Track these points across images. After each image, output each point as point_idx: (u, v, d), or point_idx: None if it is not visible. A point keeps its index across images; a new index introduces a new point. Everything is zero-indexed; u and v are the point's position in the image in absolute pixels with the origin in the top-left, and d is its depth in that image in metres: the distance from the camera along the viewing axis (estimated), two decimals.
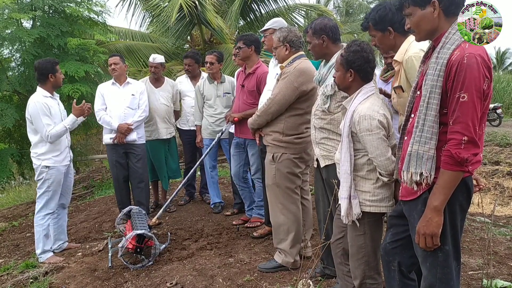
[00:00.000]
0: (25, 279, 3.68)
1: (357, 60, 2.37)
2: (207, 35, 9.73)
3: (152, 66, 5.12)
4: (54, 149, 4.00)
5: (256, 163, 4.29)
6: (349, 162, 2.37)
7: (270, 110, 3.33)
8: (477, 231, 4.21)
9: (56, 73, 4.04)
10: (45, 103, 3.93)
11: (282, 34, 3.35)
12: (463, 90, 1.74)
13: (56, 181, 4.02)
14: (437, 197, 1.83)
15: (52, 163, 3.99)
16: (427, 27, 1.92)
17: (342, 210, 2.42)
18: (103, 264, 3.79)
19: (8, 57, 7.34)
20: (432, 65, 1.84)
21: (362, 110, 2.32)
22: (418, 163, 1.87)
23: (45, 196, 4.01)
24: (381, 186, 2.37)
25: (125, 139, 4.63)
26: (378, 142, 2.28)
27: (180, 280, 3.35)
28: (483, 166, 8.07)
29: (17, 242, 4.98)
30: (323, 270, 3.21)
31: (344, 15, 23.86)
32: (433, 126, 1.84)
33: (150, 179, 5.28)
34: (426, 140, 1.85)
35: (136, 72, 8.74)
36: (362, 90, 2.41)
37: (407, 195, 2.02)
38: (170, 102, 5.23)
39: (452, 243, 1.91)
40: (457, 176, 1.80)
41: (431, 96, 1.83)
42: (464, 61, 1.74)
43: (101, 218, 5.40)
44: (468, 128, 1.75)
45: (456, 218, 1.90)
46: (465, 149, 1.75)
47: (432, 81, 1.83)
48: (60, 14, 7.10)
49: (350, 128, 2.36)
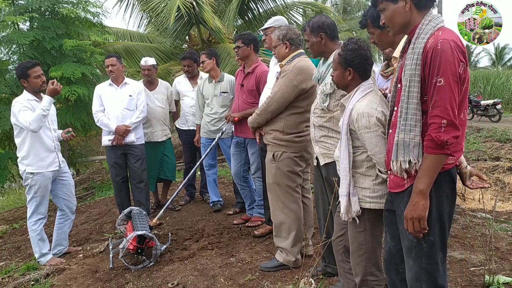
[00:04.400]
0: (27, 282, 3.68)
1: (356, 58, 2.37)
2: (205, 34, 9.72)
3: (145, 69, 5.10)
4: (35, 153, 3.88)
5: (256, 162, 4.29)
6: (348, 160, 2.37)
7: (269, 109, 3.32)
8: (478, 227, 4.20)
9: (29, 78, 3.86)
10: (30, 104, 3.85)
11: (282, 32, 3.35)
12: (439, 75, 1.80)
13: (43, 186, 3.93)
14: (422, 180, 1.86)
15: (35, 169, 3.89)
16: (400, 21, 1.98)
17: (342, 207, 2.41)
18: (104, 266, 3.79)
19: (5, 60, 7.33)
20: (409, 56, 1.90)
21: (361, 108, 2.32)
22: (406, 151, 1.91)
23: (34, 202, 3.96)
24: (380, 182, 2.38)
25: (124, 141, 4.61)
26: (377, 139, 2.28)
27: (181, 281, 3.34)
28: (484, 162, 8.07)
29: (18, 244, 4.97)
30: (325, 269, 3.21)
31: (341, 13, 23.86)
32: (415, 113, 1.88)
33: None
34: (411, 128, 1.89)
35: (135, 73, 8.72)
36: (360, 87, 2.41)
37: (395, 187, 2.05)
38: (165, 104, 5.21)
39: (438, 235, 1.93)
40: (439, 159, 1.84)
41: (411, 84, 1.88)
42: (438, 47, 1.80)
43: (102, 219, 5.39)
44: (446, 111, 1.79)
45: (443, 210, 1.93)
46: (445, 132, 1.80)
47: (410, 70, 1.88)
48: (56, 16, 7.09)
49: (348, 126, 2.36)
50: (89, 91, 6.65)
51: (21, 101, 3.87)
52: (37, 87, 3.92)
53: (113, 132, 4.60)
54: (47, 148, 3.97)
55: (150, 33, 10.44)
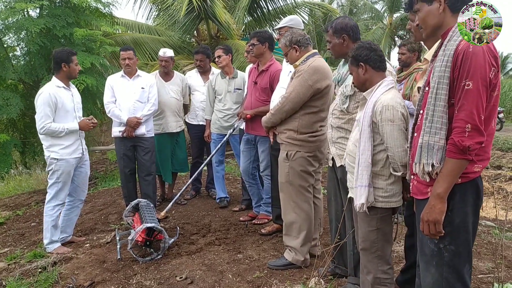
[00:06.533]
0: (34, 269, 3.67)
1: (362, 52, 2.45)
2: (214, 30, 9.71)
3: (163, 60, 5.11)
4: (58, 142, 3.94)
5: (265, 160, 4.29)
6: (370, 151, 2.39)
7: (284, 109, 3.33)
8: (484, 234, 4.23)
9: (71, 64, 3.98)
10: (54, 95, 3.89)
11: (286, 39, 3.38)
12: (468, 78, 1.76)
13: (66, 172, 3.99)
14: (440, 184, 1.85)
15: (59, 156, 3.95)
16: (433, 22, 1.97)
17: (361, 198, 2.42)
18: (112, 256, 3.79)
19: (13, 46, 7.30)
20: (440, 58, 1.87)
21: (386, 100, 2.36)
22: (430, 154, 1.88)
23: (55, 187, 3.99)
24: (392, 182, 2.43)
25: (134, 133, 4.62)
26: (399, 133, 2.32)
27: (189, 275, 3.35)
28: (485, 170, 8.10)
29: (22, 231, 4.97)
30: (334, 269, 3.22)
31: (348, 15, 23.83)
32: (442, 116, 1.85)
33: (157, 172, 5.27)
34: (436, 131, 1.86)
35: (143, 65, 8.70)
36: (384, 82, 2.46)
37: (418, 194, 2.05)
38: (179, 95, 5.22)
39: (462, 245, 1.91)
40: (460, 165, 1.82)
41: (439, 86, 1.85)
42: (469, 49, 1.77)
43: (107, 210, 5.39)
44: (472, 115, 1.76)
45: (468, 220, 1.90)
46: (469, 137, 1.77)
47: (439, 72, 1.85)
48: (67, 4, 7.07)
49: (371, 118, 2.38)
50: (96, 81, 6.65)
51: (50, 90, 3.89)
52: (74, 74, 4.09)
53: (124, 123, 4.60)
54: (73, 136, 4.02)
55: (159, 25, 10.39)
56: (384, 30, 22.54)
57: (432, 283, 1.98)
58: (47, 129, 3.88)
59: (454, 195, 1.88)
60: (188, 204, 5.33)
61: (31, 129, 7.64)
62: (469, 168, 1.86)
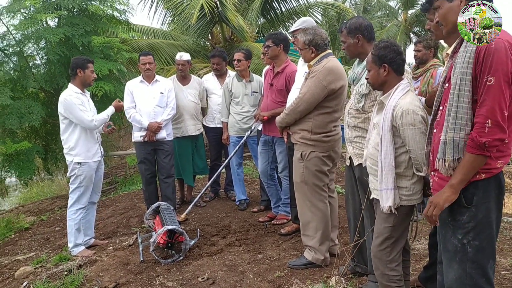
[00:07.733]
0: (60, 272, 3.77)
1: (389, 54, 2.43)
2: (228, 33, 9.77)
3: (179, 64, 5.19)
4: (83, 144, 4.06)
5: (283, 160, 4.33)
6: (392, 155, 2.41)
7: (298, 109, 3.35)
8: (506, 231, 4.18)
9: (86, 70, 4.08)
10: (76, 97, 4.02)
11: (308, 37, 3.36)
12: (490, 74, 1.77)
13: (88, 176, 4.10)
14: (456, 176, 1.88)
15: (82, 159, 4.06)
16: (453, 19, 1.95)
17: (388, 201, 2.44)
18: (135, 258, 3.87)
19: (33, 55, 7.48)
20: (461, 54, 1.87)
21: (405, 105, 2.37)
22: (455, 150, 1.88)
23: (77, 192, 4.10)
24: (416, 181, 2.45)
25: (155, 137, 4.71)
26: (420, 136, 2.34)
27: (211, 275, 3.41)
28: (507, 166, 7.98)
29: (47, 235, 5.10)
30: (354, 268, 3.24)
31: (362, 13, 23.68)
32: (467, 112, 1.84)
33: (176, 176, 5.35)
34: (461, 127, 1.86)
35: (159, 70, 8.82)
36: (400, 85, 2.46)
37: (439, 189, 2.04)
38: (197, 99, 5.30)
39: (486, 240, 1.92)
40: (478, 160, 1.83)
41: (462, 83, 1.84)
42: (492, 45, 1.78)
43: (128, 213, 5.49)
44: (493, 111, 1.76)
45: (491, 216, 1.91)
46: (489, 133, 1.77)
47: (461, 68, 1.85)
48: (84, 13, 7.22)
49: (391, 123, 2.39)
50: (114, 87, 6.78)
51: (73, 95, 4.01)
52: (89, 80, 4.15)
53: (145, 128, 4.69)
54: (93, 139, 4.15)
55: (173, 30, 10.52)
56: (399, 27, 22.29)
57: (455, 279, 1.99)
58: (96, 121, 4.05)
59: (477, 191, 1.89)
60: (207, 206, 5.39)
61: (52, 135, 7.83)
62: (492, 164, 1.87)
